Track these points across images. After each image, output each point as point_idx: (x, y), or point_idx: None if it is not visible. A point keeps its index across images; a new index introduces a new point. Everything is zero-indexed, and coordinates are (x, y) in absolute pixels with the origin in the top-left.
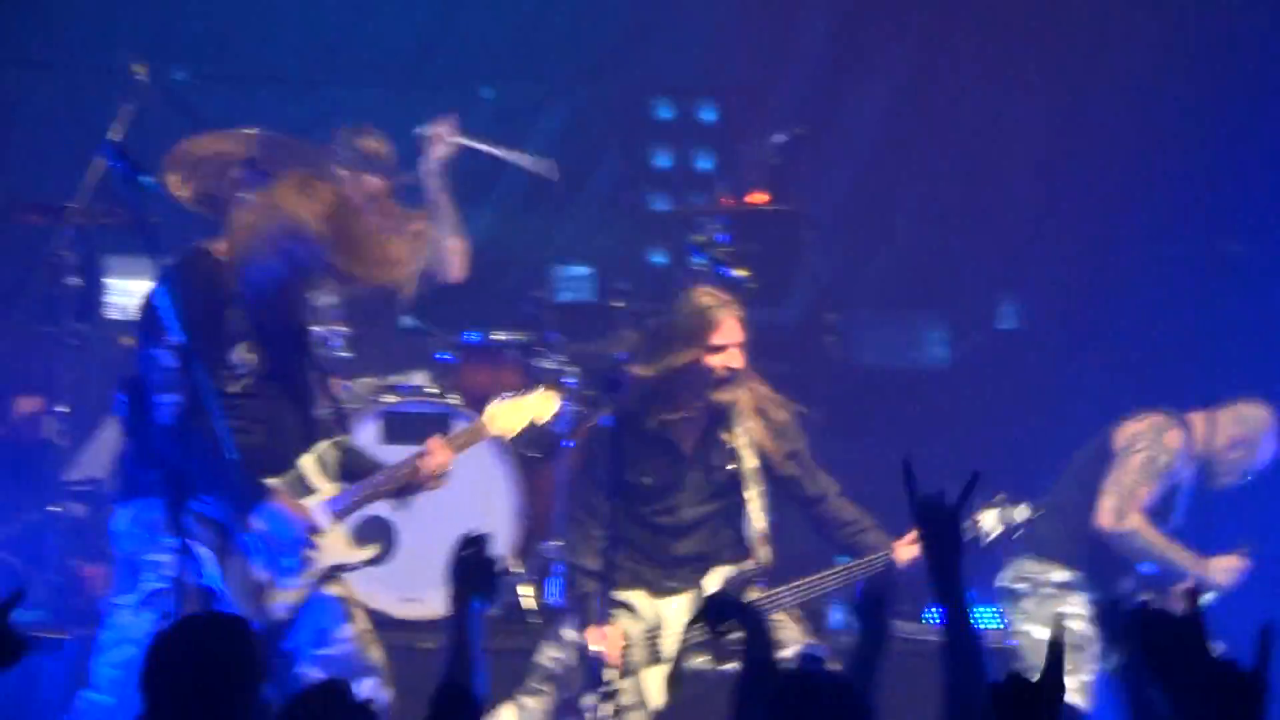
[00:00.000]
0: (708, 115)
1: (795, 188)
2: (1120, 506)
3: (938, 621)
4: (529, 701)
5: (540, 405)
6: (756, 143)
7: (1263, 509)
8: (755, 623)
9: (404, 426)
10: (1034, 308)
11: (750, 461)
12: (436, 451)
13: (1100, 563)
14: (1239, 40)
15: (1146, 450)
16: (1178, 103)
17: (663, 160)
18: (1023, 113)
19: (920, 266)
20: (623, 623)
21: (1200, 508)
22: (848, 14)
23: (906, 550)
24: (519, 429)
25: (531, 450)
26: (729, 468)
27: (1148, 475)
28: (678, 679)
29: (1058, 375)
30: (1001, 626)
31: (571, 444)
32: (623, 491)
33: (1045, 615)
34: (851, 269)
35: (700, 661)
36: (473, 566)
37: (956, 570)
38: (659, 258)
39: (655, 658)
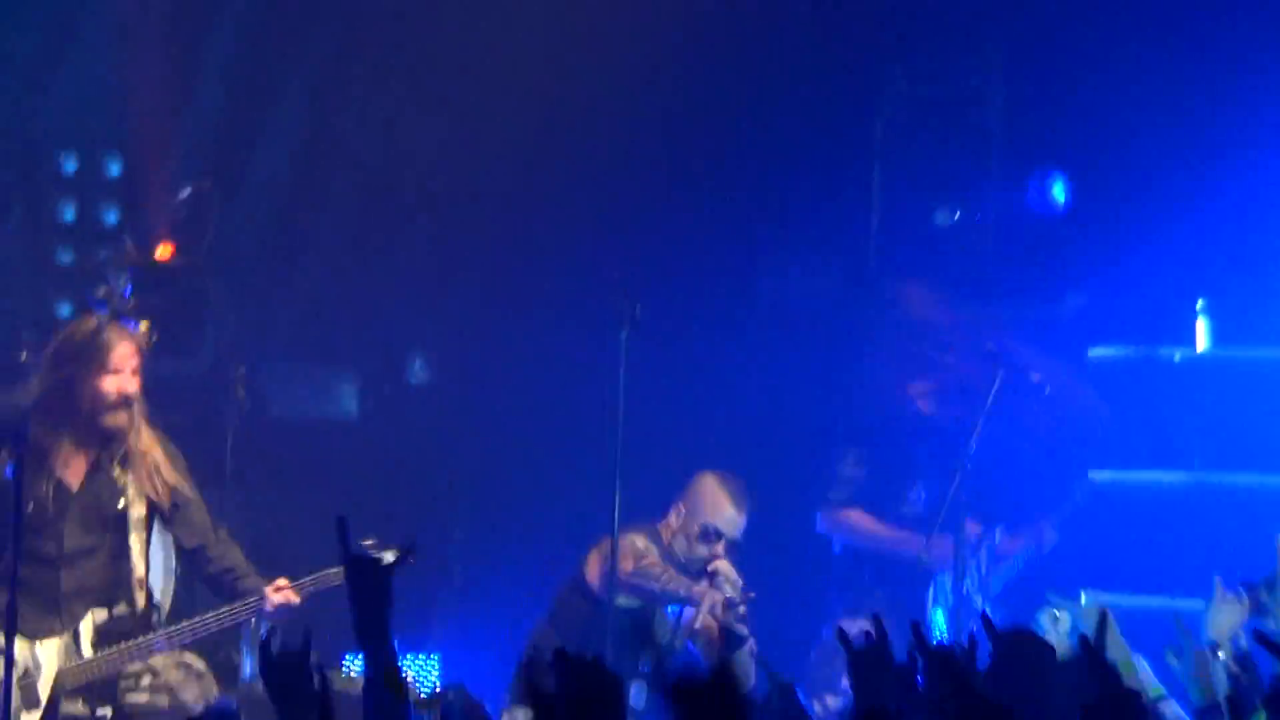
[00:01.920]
0: (113, 168)
1: (202, 240)
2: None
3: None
4: None
5: None
6: (162, 195)
7: None
8: None
9: None
10: (444, 363)
11: (138, 508)
12: None
13: None
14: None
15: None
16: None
17: (68, 213)
18: (421, 166)
19: (330, 319)
20: None
21: None
22: (243, 64)
23: (277, 595)
24: None
25: None
26: (118, 506)
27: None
28: None
29: (466, 430)
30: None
31: None
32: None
33: None
34: (261, 321)
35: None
36: None
37: (383, 619)
38: (64, 310)
39: (30, 704)
